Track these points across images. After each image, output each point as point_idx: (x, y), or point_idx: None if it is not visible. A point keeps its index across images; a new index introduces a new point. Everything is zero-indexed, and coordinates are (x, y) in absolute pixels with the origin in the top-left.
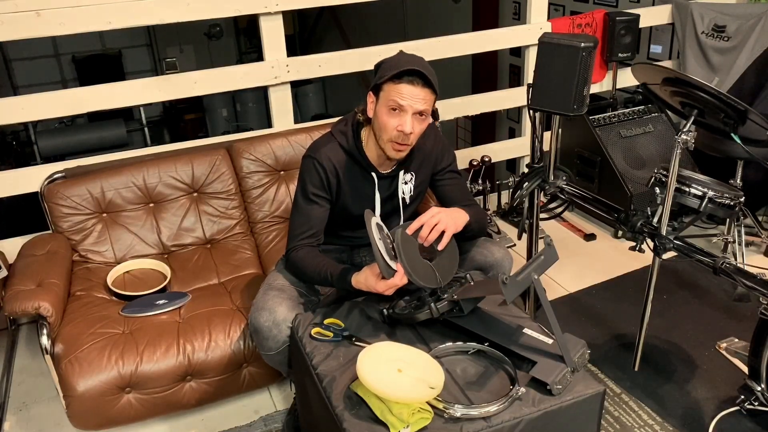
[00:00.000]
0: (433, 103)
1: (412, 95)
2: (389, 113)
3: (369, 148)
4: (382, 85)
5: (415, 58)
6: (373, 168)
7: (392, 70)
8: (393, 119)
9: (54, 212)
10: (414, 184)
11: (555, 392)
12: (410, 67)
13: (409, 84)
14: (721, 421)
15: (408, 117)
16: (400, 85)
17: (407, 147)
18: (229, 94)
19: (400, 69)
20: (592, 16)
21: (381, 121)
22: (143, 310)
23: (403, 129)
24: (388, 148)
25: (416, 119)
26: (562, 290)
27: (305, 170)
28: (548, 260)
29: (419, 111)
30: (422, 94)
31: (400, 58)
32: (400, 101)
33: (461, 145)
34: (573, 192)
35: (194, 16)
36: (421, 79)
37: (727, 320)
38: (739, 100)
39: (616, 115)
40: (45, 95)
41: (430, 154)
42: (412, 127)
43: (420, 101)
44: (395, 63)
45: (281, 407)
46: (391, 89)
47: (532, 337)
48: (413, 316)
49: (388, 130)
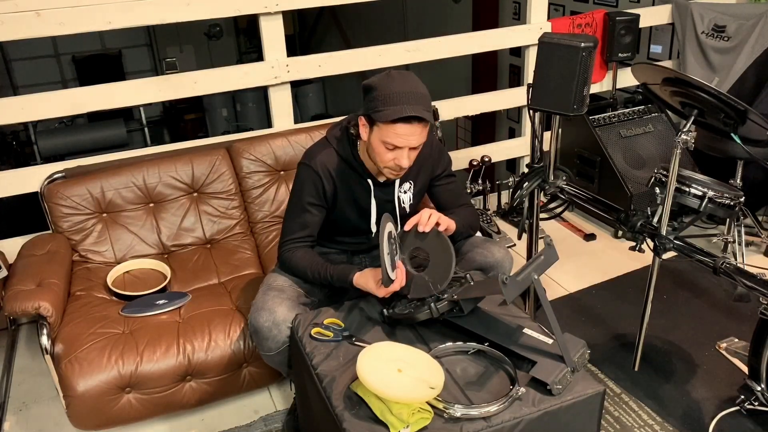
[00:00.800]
0: (428, 129)
1: (408, 135)
2: (384, 149)
3: (365, 157)
4: (375, 121)
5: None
6: (369, 175)
7: (386, 109)
8: (389, 153)
9: (54, 212)
10: (413, 192)
11: (555, 392)
12: (404, 114)
13: (405, 124)
14: (721, 421)
15: (405, 153)
16: (396, 126)
17: (403, 172)
18: (229, 94)
19: (397, 116)
20: (592, 16)
21: (376, 152)
22: (143, 310)
23: (400, 164)
24: (384, 172)
25: (411, 152)
26: (562, 290)
27: (301, 177)
28: (548, 260)
29: (415, 146)
30: (418, 130)
31: (394, 89)
32: (396, 143)
33: (461, 145)
34: (573, 192)
35: (194, 16)
36: (417, 118)
37: (727, 320)
38: (739, 100)
39: (616, 115)
40: (45, 95)
41: (427, 160)
42: (408, 161)
43: (416, 138)
44: (389, 98)
45: (281, 407)
46: (387, 130)
47: (532, 337)
48: (413, 316)
49: (384, 162)
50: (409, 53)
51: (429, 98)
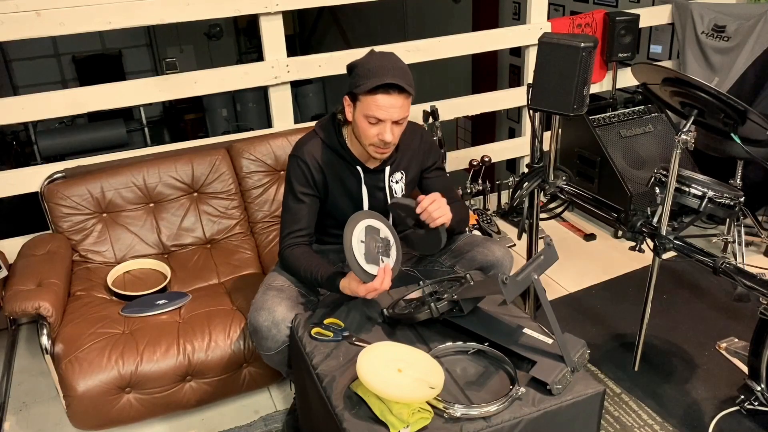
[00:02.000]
0: (410, 103)
1: (389, 106)
2: (369, 123)
3: (353, 145)
4: (358, 95)
5: (389, 63)
6: (358, 162)
7: (367, 81)
8: (372, 128)
9: (54, 212)
10: (405, 182)
11: (555, 392)
12: (384, 81)
13: (386, 95)
14: (721, 421)
15: (387, 126)
16: (376, 97)
17: (390, 149)
18: (229, 94)
19: (376, 84)
20: (592, 16)
21: (360, 128)
22: (143, 310)
23: (384, 138)
24: (371, 151)
25: (395, 126)
26: (562, 290)
27: (290, 169)
28: (548, 260)
29: (397, 120)
30: (399, 102)
31: (373, 64)
32: (377, 115)
33: (461, 145)
34: (573, 192)
35: (194, 16)
36: (397, 89)
37: (727, 320)
38: (739, 100)
39: (616, 115)
40: (45, 95)
41: (418, 152)
42: (392, 135)
43: (397, 110)
44: (369, 71)
45: (281, 407)
46: (368, 102)
47: (532, 336)
48: (413, 316)
49: (368, 138)
50: (409, 53)
51: (410, 74)
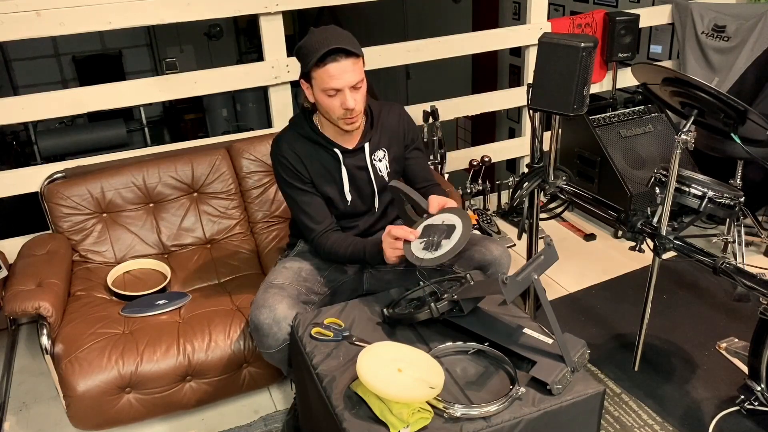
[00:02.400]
0: (362, 66)
1: (341, 73)
2: (328, 97)
3: (325, 128)
4: (310, 72)
5: (329, 33)
6: (335, 144)
7: (312, 55)
8: (334, 100)
9: (54, 212)
10: (388, 160)
11: (555, 392)
12: (328, 48)
13: (334, 62)
14: (721, 421)
15: (347, 94)
16: (326, 68)
17: (357, 117)
18: (229, 94)
19: (319, 53)
20: (592, 16)
21: (324, 105)
22: (143, 310)
23: (347, 106)
24: (341, 124)
25: (353, 91)
26: (562, 290)
27: (276, 168)
28: (548, 260)
29: (354, 84)
30: (349, 66)
31: (315, 38)
32: (333, 85)
33: (461, 145)
34: (573, 192)
35: (194, 16)
36: (343, 53)
37: (727, 320)
38: (739, 100)
39: (616, 115)
40: (45, 95)
41: (397, 129)
42: (353, 101)
43: (350, 74)
44: (312, 46)
45: (281, 407)
46: (320, 75)
47: (532, 336)
48: (413, 316)
49: (333, 111)
50: (409, 53)
51: (353, 38)
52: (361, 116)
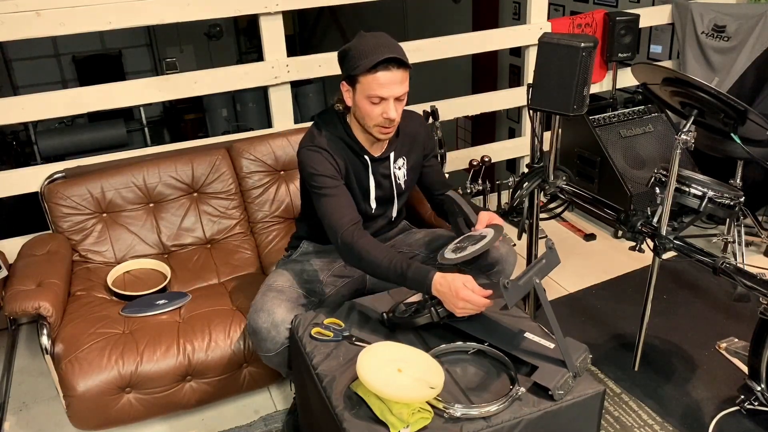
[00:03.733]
0: (408, 78)
1: (390, 83)
2: (370, 105)
3: (357, 134)
4: (357, 76)
5: (382, 40)
6: (365, 151)
7: (364, 60)
8: (376, 108)
9: (54, 212)
10: (406, 168)
11: (557, 397)
12: (384, 56)
13: (386, 71)
14: (721, 421)
15: (390, 104)
16: (377, 75)
17: (394, 128)
18: (229, 94)
19: (375, 61)
20: (592, 16)
21: (363, 110)
22: (143, 310)
23: (389, 116)
24: (375, 132)
25: (397, 102)
26: (562, 290)
27: (311, 161)
28: (550, 264)
29: (399, 96)
30: (399, 77)
31: (367, 43)
32: (380, 93)
33: (461, 145)
34: (573, 192)
35: (194, 16)
36: (396, 63)
37: (727, 320)
38: (739, 100)
39: (616, 115)
40: (45, 95)
41: (417, 137)
42: (396, 113)
43: (398, 86)
44: (365, 52)
45: (281, 407)
46: (369, 81)
47: (534, 341)
48: (413, 320)
49: (373, 118)
50: (409, 53)
51: (402, 49)
52: (396, 126)
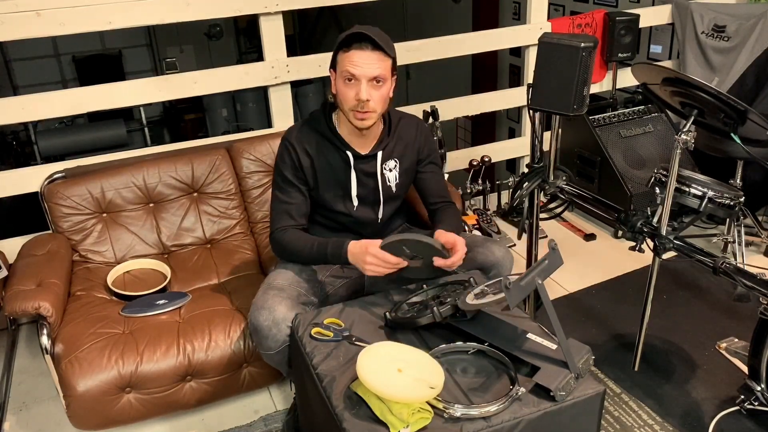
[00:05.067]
0: (389, 67)
1: (363, 61)
2: (346, 84)
3: (343, 129)
4: (336, 57)
5: (366, 27)
6: (348, 147)
7: (342, 40)
8: (350, 89)
9: (54, 212)
10: (398, 171)
11: (558, 399)
12: (355, 32)
13: (359, 50)
14: (721, 421)
15: (363, 84)
16: (350, 53)
17: (369, 114)
18: (229, 94)
19: (347, 34)
20: (592, 16)
21: (340, 92)
22: (143, 310)
23: (360, 97)
24: (351, 117)
25: (372, 86)
26: (561, 290)
27: (279, 153)
28: (552, 265)
29: (374, 77)
30: (373, 58)
31: (352, 29)
32: (351, 70)
33: (461, 145)
34: (573, 192)
35: (194, 16)
36: (370, 43)
37: (727, 320)
38: (739, 100)
39: (616, 115)
40: (45, 95)
41: (413, 142)
42: (368, 94)
43: (372, 66)
44: (345, 34)
45: (281, 407)
46: (343, 59)
47: (536, 342)
48: (416, 320)
49: (347, 101)
50: (409, 53)
51: (389, 39)
52: (376, 117)
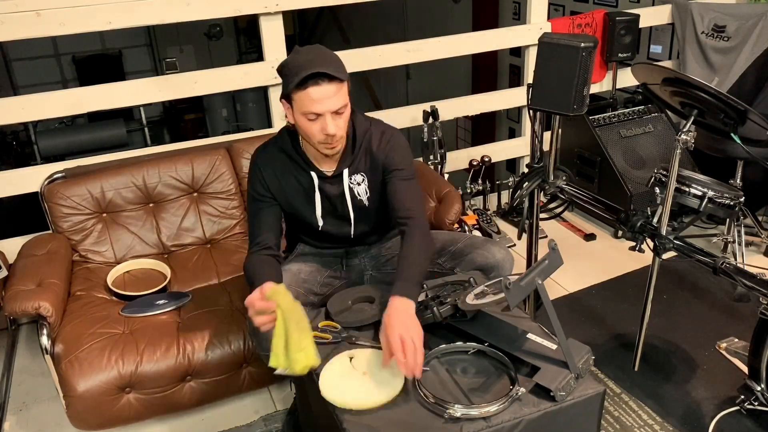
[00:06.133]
0: (347, 91)
1: (322, 97)
2: (309, 121)
3: (308, 148)
4: (291, 93)
5: (314, 55)
6: (313, 167)
7: (294, 77)
8: (314, 125)
9: (54, 212)
10: (368, 185)
11: (558, 399)
12: (310, 71)
13: (315, 86)
14: (721, 421)
15: (328, 119)
16: (307, 91)
17: (339, 141)
18: (229, 94)
19: (300, 76)
20: (592, 16)
21: (303, 128)
22: (143, 310)
23: (328, 131)
24: (321, 148)
25: (335, 116)
26: (562, 290)
27: (250, 174)
28: (553, 265)
29: (336, 109)
30: (332, 91)
31: (300, 59)
32: (313, 109)
33: (461, 145)
34: (573, 192)
35: (194, 16)
36: (326, 78)
37: (727, 320)
38: (739, 100)
39: (616, 115)
40: (45, 95)
41: (378, 155)
42: (335, 127)
43: (332, 100)
44: (296, 67)
45: (281, 407)
46: (301, 98)
47: (536, 342)
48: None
49: (313, 135)
50: (409, 53)
51: (340, 61)
52: (342, 140)
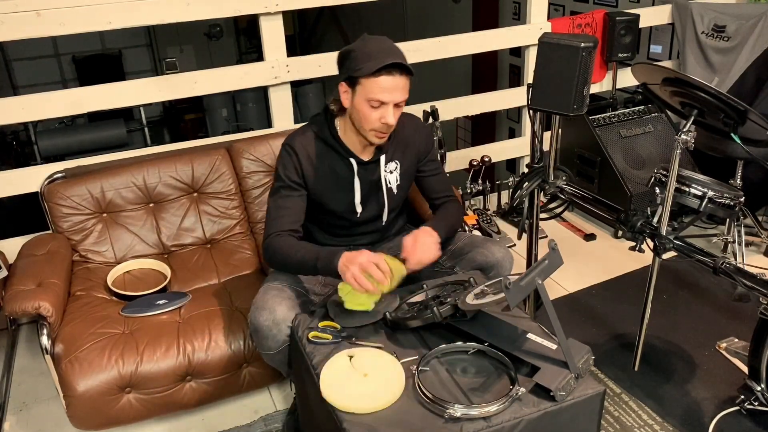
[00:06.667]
0: (409, 85)
1: (392, 88)
2: (371, 107)
3: (347, 136)
4: (359, 78)
5: (386, 45)
6: (351, 154)
7: (368, 63)
8: (375, 112)
9: (54, 212)
10: (399, 172)
11: (558, 399)
12: (389, 61)
13: (389, 75)
14: (721, 421)
15: (390, 109)
16: (379, 79)
17: (389, 132)
18: (229, 94)
19: (379, 65)
20: (592, 16)
21: (362, 113)
22: (143, 310)
23: (387, 121)
24: (370, 136)
25: (396, 109)
26: (561, 290)
27: (280, 158)
28: (552, 265)
29: (399, 102)
30: (401, 83)
31: (371, 47)
32: (382, 97)
33: (461, 145)
34: (573, 192)
35: (194, 16)
36: (400, 69)
37: (727, 320)
38: (739, 100)
39: (616, 115)
40: (45, 95)
41: (413, 141)
42: (394, 118)
43: (400, 92)
44: (368, 55)
45: (281, 407)
46: (370, 85)
47: (536, 342)
48: (416, 320)
49: (370, 122)
50: (409, 53)
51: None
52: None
